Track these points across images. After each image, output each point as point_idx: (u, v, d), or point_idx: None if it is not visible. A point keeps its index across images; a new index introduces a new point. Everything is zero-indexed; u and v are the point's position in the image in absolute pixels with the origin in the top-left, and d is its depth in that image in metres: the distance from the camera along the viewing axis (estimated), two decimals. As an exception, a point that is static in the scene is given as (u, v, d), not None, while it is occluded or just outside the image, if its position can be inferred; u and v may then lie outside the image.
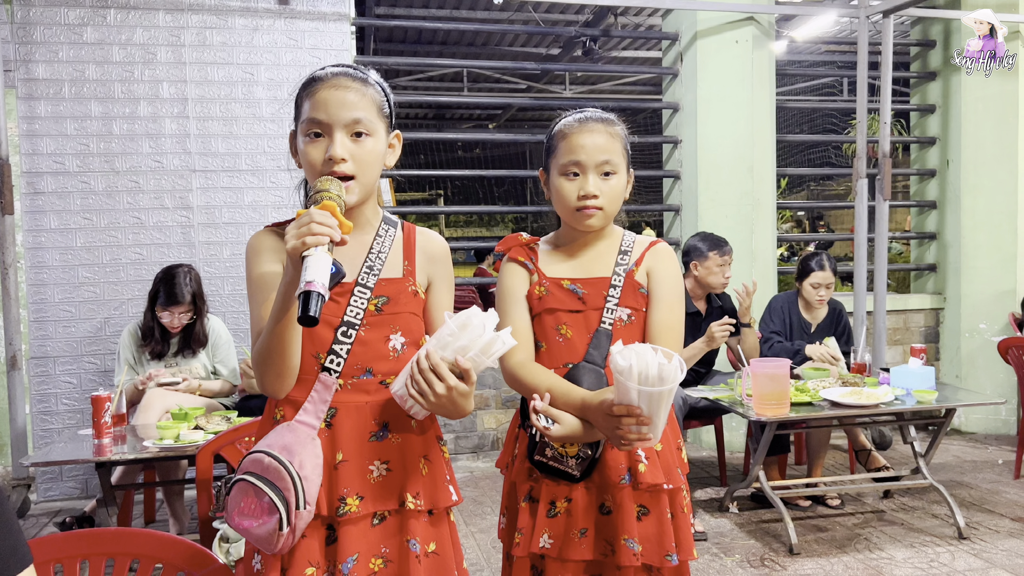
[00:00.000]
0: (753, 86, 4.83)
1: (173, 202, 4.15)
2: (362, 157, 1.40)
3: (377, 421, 1.43)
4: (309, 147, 1.40)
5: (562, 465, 1.57)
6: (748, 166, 4.84)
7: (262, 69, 4.23)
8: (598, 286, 1.65)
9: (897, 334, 5.44)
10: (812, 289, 3.99)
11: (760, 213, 4.90)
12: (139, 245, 4.11)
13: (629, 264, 1.67)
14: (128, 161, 4.10)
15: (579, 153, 1.62)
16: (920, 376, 3.40)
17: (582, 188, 1.62)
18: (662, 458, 1.61)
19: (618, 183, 1.65)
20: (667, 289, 1.66)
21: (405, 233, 1.53)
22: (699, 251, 3.75)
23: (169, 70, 4.14)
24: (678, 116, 5.06)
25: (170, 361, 3.53)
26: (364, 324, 1.42)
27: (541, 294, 1.66)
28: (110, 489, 2.89)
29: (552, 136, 1.69)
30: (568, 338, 1.64)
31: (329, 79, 1.41)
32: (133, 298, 4.08)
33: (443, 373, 1.30)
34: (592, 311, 1.63)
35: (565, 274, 1.68)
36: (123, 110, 4.09)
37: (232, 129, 4.21)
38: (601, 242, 1.71)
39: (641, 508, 1.60)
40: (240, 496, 1.35)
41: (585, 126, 1.64)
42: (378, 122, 1.43)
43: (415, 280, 1.49)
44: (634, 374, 1.36)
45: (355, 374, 1.42)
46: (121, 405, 3.08)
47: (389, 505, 1.42)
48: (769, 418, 3.10)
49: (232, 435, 2.49)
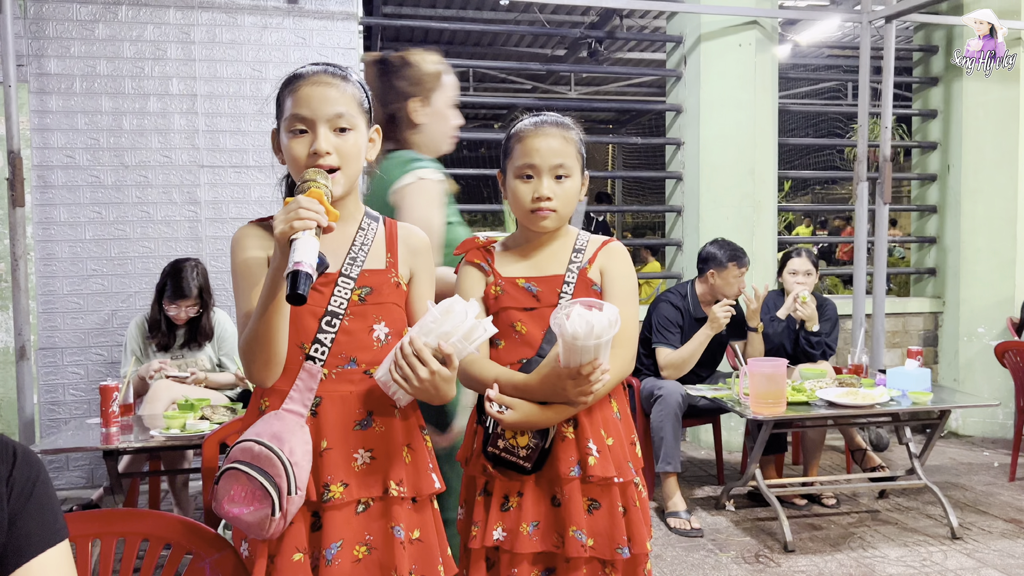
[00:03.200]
0: (756, 89, 4.87)
1: (181, 197, 4.21)
2: (346, 150, 1.44)
3: (361, 410, 1.46)
4: (293, 142, 1.44)
5: (513, 456, 1.60)
6: (750, 168, 4.88)
7: (270, 67, 4.28)
8: (552, 284, 1.69)
9: (896, 337, 5.48)
10: (791, 277, 4.01)
11: (761, 215, 4.94)
12: (147, 239, 4.17)
13: (582, 262, 1.71)
14: (137, 156, 4.16)
15: (534, 156, 1.66)
16: (916, 377, 3.44)
17: (536, 190, 1.66)
18: (613, 452, 1.64)
19: (572, 186, 1.69)
20: (619, 287, 1.70)
21: (387, 227, 1.57)
22: (717, 260, 3.77)
23: (179, 67, 4.19)
24: (681, 118, 5.10)
25: (176, 353, 3.58)
26: (348, 314, 1.46)
27: (497, 293, 1.70)
28: (117, 477, 2.93)
29: (509, 139, 1.73)
30: (523, 335, 1.67)
31: (311, 76, 1.45)
32: (140, 291, 4.13)
33: (426, 358, 1.34)
34: (546, 308, 1.67)
35: (520, 273, 1.72)
36: (133, 105, 4.14)
37: (240, 125, 4.26)
38: (555, 242, 1.75)
39: (592, 502, 1.62)
40: (230, 484, 1.37)
41: (540, 130, 1.68)
42: (359, 117, 1.48)
43: (397, 272, 1.53)
44: (593, 332, 1.43)
45: (339, 363, 1.45)
46: (128, 395, 3.13)
47: (373, 492, 1.45)
48: (766, 417, 3.14)
49: (238, 424, 2.54)
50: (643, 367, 3.87)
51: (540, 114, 1.73)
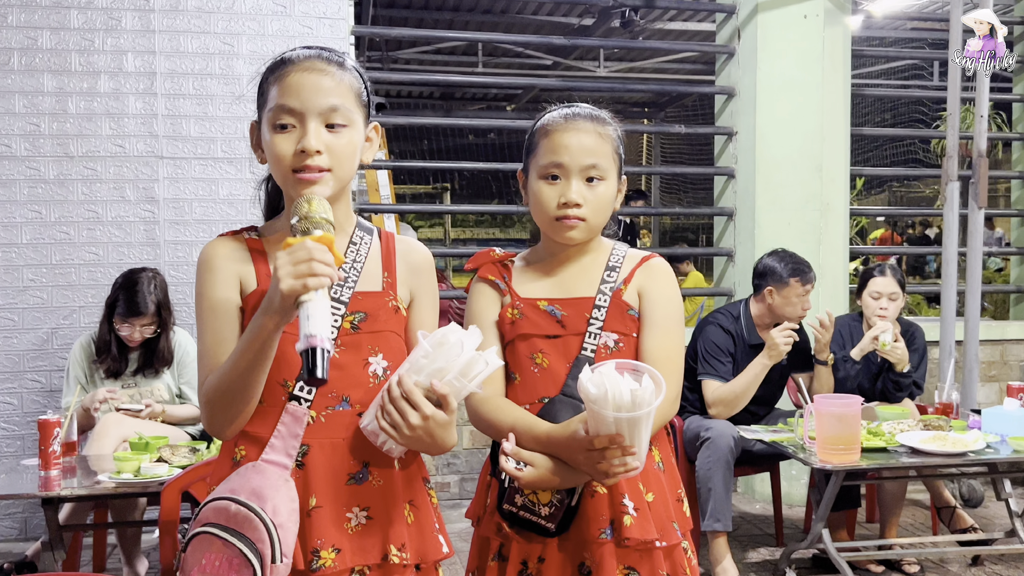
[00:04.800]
0: (824, 69, 4.86)
1: (136, 194, 4.24)
2: (339, 150, 1.45)
3: (356, 460, 1.46)
4: (277, 139, 1.44)
5: (534, 515, 1.59)
6: (816, 164, 4.88)
7: (243, 40, 4.32)
8: (580, 307, 1.69)
9: (992, 369, 5.44)
10: (872, 301, 3.99)
11: (830, 220, 4.93)
12: (95, 243, 4.20)
13: (617, 282, 1.71)
14: (85, 145, 4.19)
15: (562, 154, 1.66)
16: (1018, 419, 3.41)
17: (563, 194, 1.66)
18: (654, 510, 1.63)
19: (606, 191, 1.69)
20: (662, 311, 1.70)
21: (383, 241, 1.58)
22: (777, 276, 3.76)
23: (135, 39, 4.23)
24: (733, 103, 5.11)
25: (128, 381, 3.59)
26: (339, 345, 1.46)
27: (514, 317, 1.71)
28: (57, 529, 2.94)
29: (533, 133, 1.74)
30: (545, 368, 1.68)
31: (301, 61, 1.46)
32: (86, 306, 4.16)
33: (417, 401, 1.34)
34: (572, 336, 1.67)
35: (542, 294, 1.73)
36: (80, 85, 4.18)
37: (207, 110, 4.29)
38: (585, 257, 1.75)
39: (629, 571, 1.61)
40: (201, 551, 1.37)
41: (571, 123, 1.69)
42: (356, 111, 1.49)
43: (396, 294, 1.54)
44: (609, 401, 1.41)
45: (329, 404, 1.46)
46: (71, 431, 3.15)
47: (370, 559, 1.45)
48: (835, 466, 3.12)
49: (203, 470, 2.55)
50: (687, 403, 3.86)
51: (572, 105, 1.74)
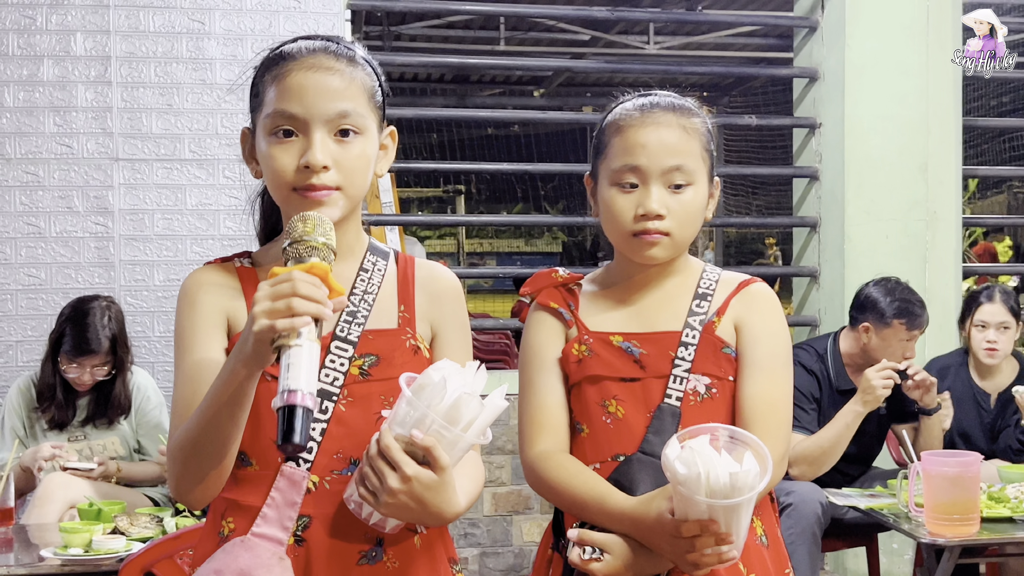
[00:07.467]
0: (929, 47, 4.86)
1: (86, 204, 4.28)
2: (349, 163, 1.47)
3: (367, 536, 1.47)
4: (276, 150, 1.46)
5: None
6: (920, 163, 4.87)
7: (216, 16, 4.36)
8: (663, 344, 1.70)
9: None
10: (978, 333, 4.00)
11: (938, 232, 4.91)
12: (36, 264, 4.24)
13: (709, 313, 1.72)
14: (24, 144, 4.24)
15: (639, 155, 1.68)
16: None
17: (642, 204, 1.67)
18: None
19: (694, 199, 1.71)
20: (766, 350, 1.70)
21: (400, 267, 1.60)
22: (879, 312, 3.73)
23: (85, 16, 4.28)
24: (816, 88, 5.12)
25: (76, 433, 3.62)
26: (345, 395, 1.48)
27: (582, 355, 1.72)
28: (-9, 617, 2.98)
29: (603, 130, 1.76)
30: (619, 418, 1.69)
31: (304, 57, 1.49)
32: (24, 340, 4.20)
33: (396, 458, 1.33)
34: (653, 379, 1.68)
35: (616, 327, 1.74)
36: (19, 72, 4.23)
37: (172, 101, 4.33)
38: (668, 281, 1.76)
39: None
40: None
41: (649, 116, 1.70)
42: (369, 116, 1.51)
43: (415, 331, 1.56)
44: (701, 485, 1.42)
45: (334, 467, 1.47)
46: (7, 496, 3.17)
47: None
48: (949, 539, 3.11)
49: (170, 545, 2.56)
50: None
51: (649, 93, 1.75)
